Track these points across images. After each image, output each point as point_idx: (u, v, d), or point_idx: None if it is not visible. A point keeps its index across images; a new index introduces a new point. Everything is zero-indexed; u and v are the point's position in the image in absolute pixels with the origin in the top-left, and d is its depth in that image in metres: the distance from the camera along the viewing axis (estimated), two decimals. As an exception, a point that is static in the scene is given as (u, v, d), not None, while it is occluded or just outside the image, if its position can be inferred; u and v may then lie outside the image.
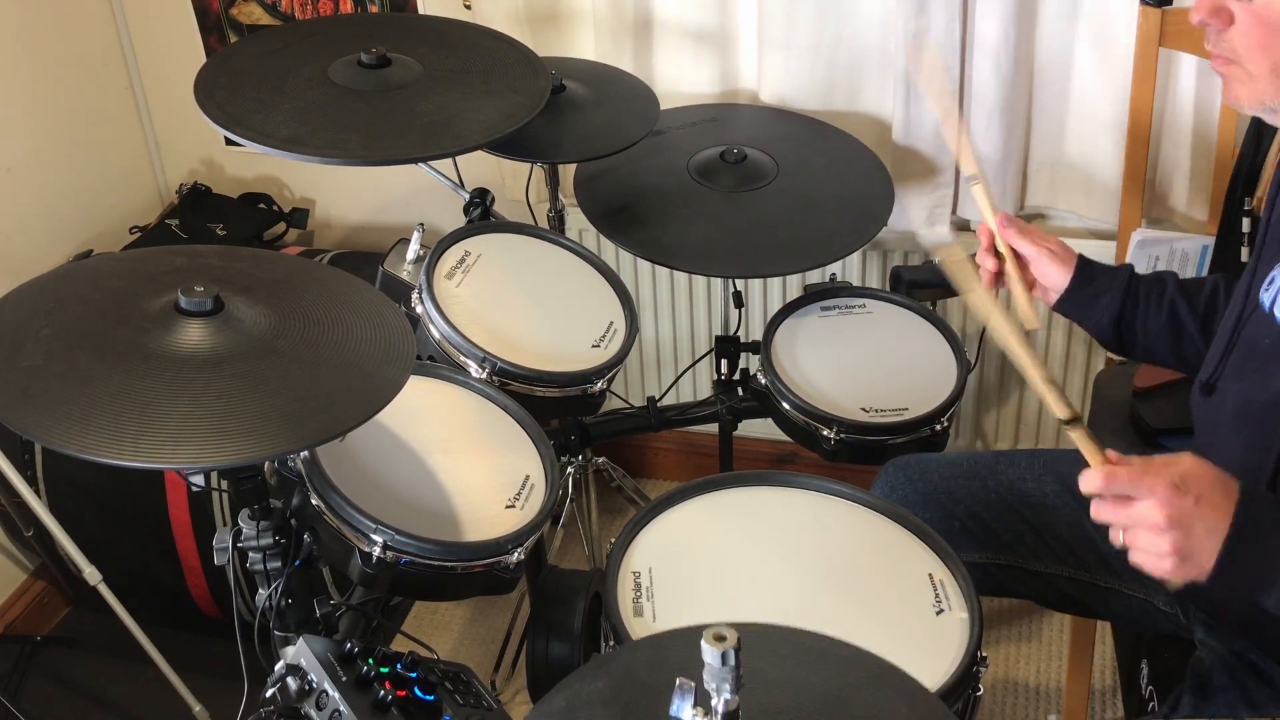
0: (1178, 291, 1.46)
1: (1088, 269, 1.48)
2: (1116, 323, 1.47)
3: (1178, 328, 1.46)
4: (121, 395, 1.12)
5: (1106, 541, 1.51)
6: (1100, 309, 1.47)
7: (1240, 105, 1.21)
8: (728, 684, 0.80)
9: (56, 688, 2.31)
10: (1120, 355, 1.55)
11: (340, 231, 2.66)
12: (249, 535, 1.33)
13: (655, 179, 1.96)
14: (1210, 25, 1.18)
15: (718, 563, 1.38)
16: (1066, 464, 1.58)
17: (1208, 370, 1.34)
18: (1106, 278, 1.47)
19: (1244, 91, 1.19)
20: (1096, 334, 1.51)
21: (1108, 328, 1.48)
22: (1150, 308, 1.46)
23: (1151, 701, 1.45)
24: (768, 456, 2.54)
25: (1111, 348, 1.51)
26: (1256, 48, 1.15)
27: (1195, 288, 1.47)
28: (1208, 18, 1.17)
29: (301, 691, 1.28)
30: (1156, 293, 1.47)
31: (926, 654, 1.24)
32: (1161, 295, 1.46)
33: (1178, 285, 1.47)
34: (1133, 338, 1.48)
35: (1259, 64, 1.16)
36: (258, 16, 2.44)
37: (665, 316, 2.47)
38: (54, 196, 2.43)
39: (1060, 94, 2.07)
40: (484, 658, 2.30)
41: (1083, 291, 1.47)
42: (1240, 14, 1.15)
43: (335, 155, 1.59)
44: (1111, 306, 1.47)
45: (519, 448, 1.57)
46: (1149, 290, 1.47)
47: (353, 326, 1.29)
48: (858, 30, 2.10)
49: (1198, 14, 1.17)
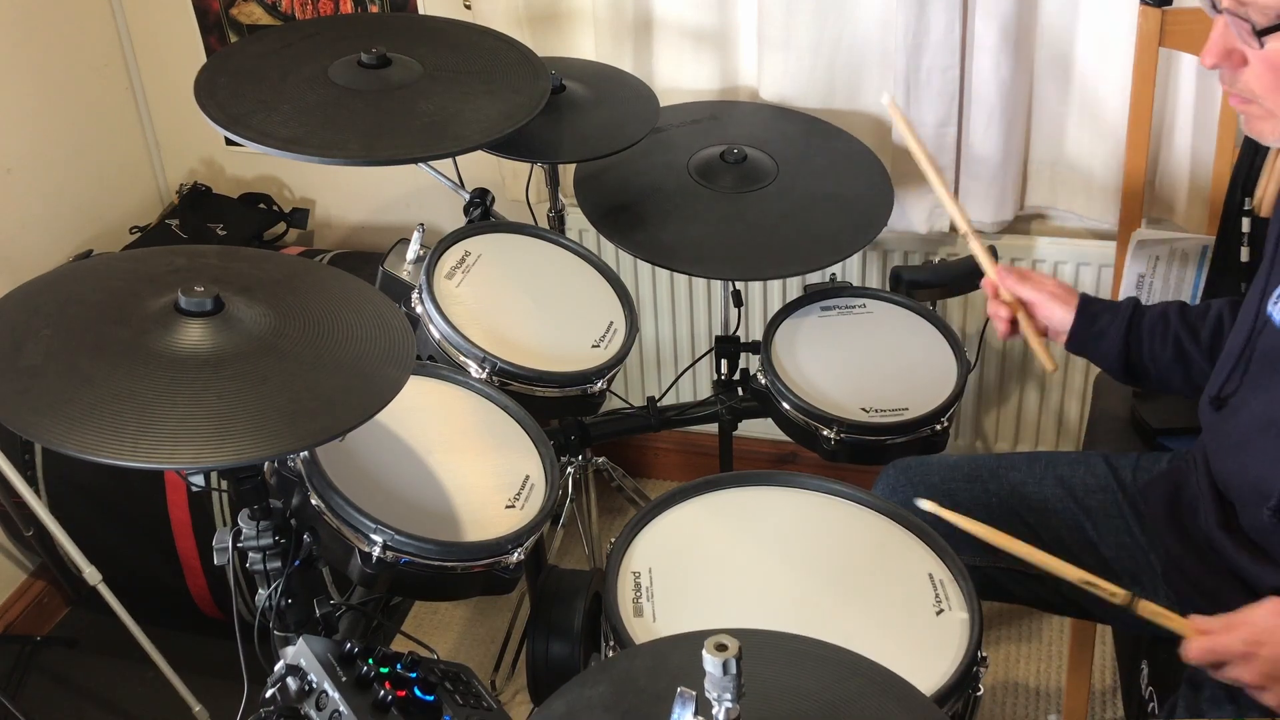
0: (1181, 325, 1.47)
1: (1089, 308, 1.50)
2: (1124, 359, 1.49)
3: (1185, 359, 1.47)
4: (121, 395, 1.12)
5: (1106, 544, 1.53)
6: (1105, 347, 1.50)
7: (1264, 139, 1.23)
8: (729, 693, 0.80)
9: (56, 688, 2.31)
10: (1137, 387, 1.60)
11: (340, 231, 2.66)
12: (249, 535, 1.32)
13: (655, 179, 1.96)
14: (1223, 68, 1.18)
15: (718, 563, 1.37)
16: (1067, 467, 1.58)
17: (1216, 384, 1.35)
18: (1109, 316, 1.49)
19: (1266, 127, 1.21)
20: (1108, 370, 1.53)
21: (1116, 365, 1.50)
22: (1155, 343, 1.48)
23: (1151, 702, 1.45)
24: (768, 456, 2.54)
25: (1128, 383, 1.54)
26: (1271, 89, 1.16)
27: (1199, 318, 1.48)
28: (1220, 62, 1.17)
29: (301, 691, 1.28)
30: (1161, 328, 1.48)
31: (927, 654, 1.24)
32: (1166, 330, 1.48)
33: (1181, 318, 1.48)
34: (1144, 372, 1.51)
35: (1275, 102, 1.17)
36: (258, 16, 2.44)
37: (665, 316, 2.47)
38: (54, 196, 2.43)
39: (1060, 94, 2.07)
40: (484, 658, 2.30)
41: (1087, 331, 1.50)
42: (1251, 57, 1.15)
43: (335, 155, 1.59)
44: (1116, 345, 1.49)
45: (519, 448, 1.57)
46: (1153, 326, 1.49)
47: (353, 326, 1.29)
48: (858, 30, 2.10)
49: (1209, 59, 1.18)
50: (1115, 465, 1.57)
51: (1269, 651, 1.16)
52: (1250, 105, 1.20)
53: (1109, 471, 1.56)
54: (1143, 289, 1.90)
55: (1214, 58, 1.18)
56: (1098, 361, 1.53)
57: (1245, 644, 1.17)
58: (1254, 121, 1.21)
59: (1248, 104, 1.20)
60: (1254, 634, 1.17)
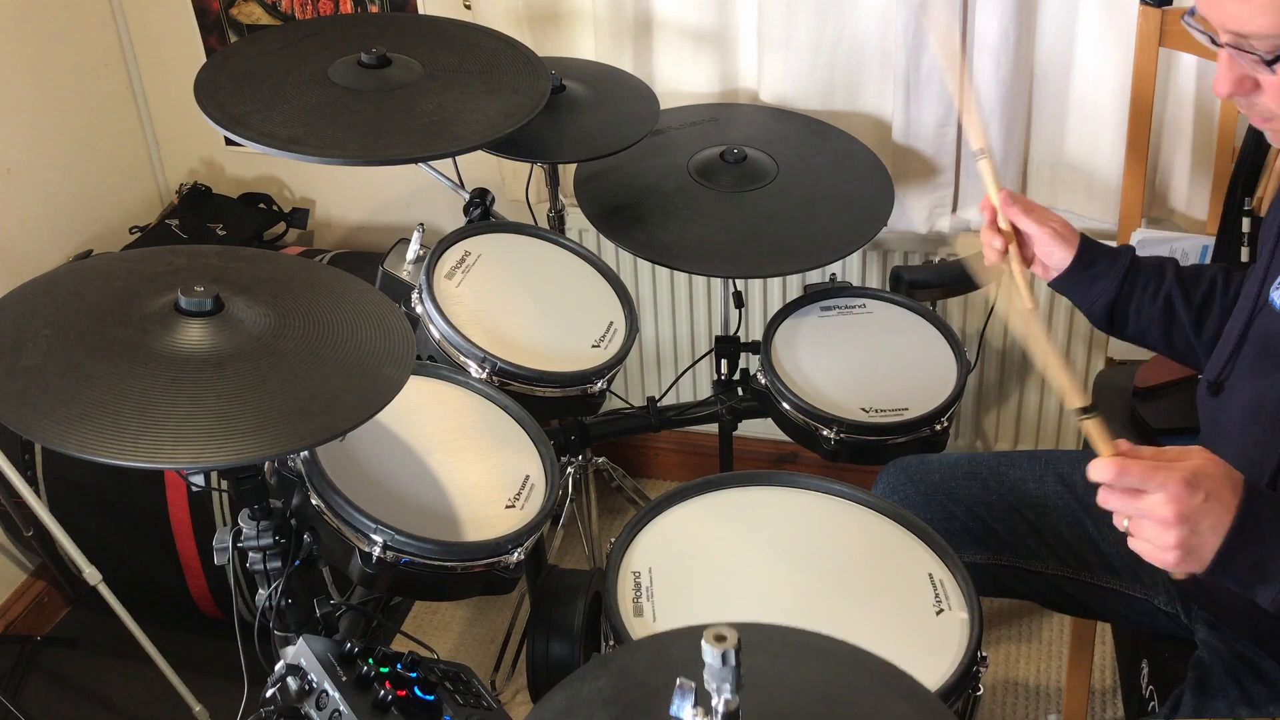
0: (1175, 282, 1.46)
1: (1089, 251, 1.47)
2: (1110, 306, 1.48)
3: (1171, 317, 1.46)
4: (122, 395, 1.12)
5: (1108, 542, 1.53)
6: (1096, 292, 1.48)
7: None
8: (728, 684, 0.80)
9: (56, 688, 2.31)
10: (1110, 334, 1.56)
11: (340, 231, 2.66)
12: (249, 535, 1.33)
13: (655, 179, 1.96)
14: (1237, 96, 1.18)
15: (718, 563, 1.38)
16: (1068, 465, 1.58)
17: (1214, 369, 1.35)
18: (1107, 261, 1.47)
19: None
20: (1088, 313, 1.51)
21: (1100, 310, 1.48)
22: (1146, 296, 1.47)
23: (1151, 701, 1.45)
24: (768, 456, 2.54)
25: (1101, 327, 1.52)
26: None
27: (1194, 278, 1.47)
28: (1234, 91, 1.17)
29: (301, 691, 1.28)
30: (1155, 281, 1.47)
31: (926, 654, 1.24)
32: (1160, 284, 1.46)
33: (1176, 275, 1.47)
34: (1124, 321, 1.49)
35: None
36: (258, 16, 2.44)
37: (665, 316, 2.47)
38: (54, 196, 2.43)
39: (1060, 94, 2.07)
40: (484, 658, 2.30)
41: (1083, 273, 1.47)
42: (1264, 82, 1.15)
43: (335, 155, 1.59)
44: (1107, 291, 1.47)
45: (519, 448, 1.57)
46: (1147, 278, 1.47)
47: (353, 326, 1.29)
48: (858, 30, 2.10)
49: (1223, 90, 1.18)
50: (1116, 463, 1.56)
51: (1199, 496, 1.06)
52: (1272, 122, 1.20)
53: (1109, 470, 1.56)
54: (1143, 289, 1.90)
55: (1227, 88, 1.17)
56: (1079, 303, 1.50)
57: (1183, 476, 1.06)
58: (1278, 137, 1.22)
59: (1269, 121, 1.20)
60: (1192, 469, 1.07)
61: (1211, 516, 1.08)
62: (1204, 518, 1.07)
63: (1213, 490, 1.08)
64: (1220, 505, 1.08)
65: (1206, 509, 1.07)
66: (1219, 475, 1.09)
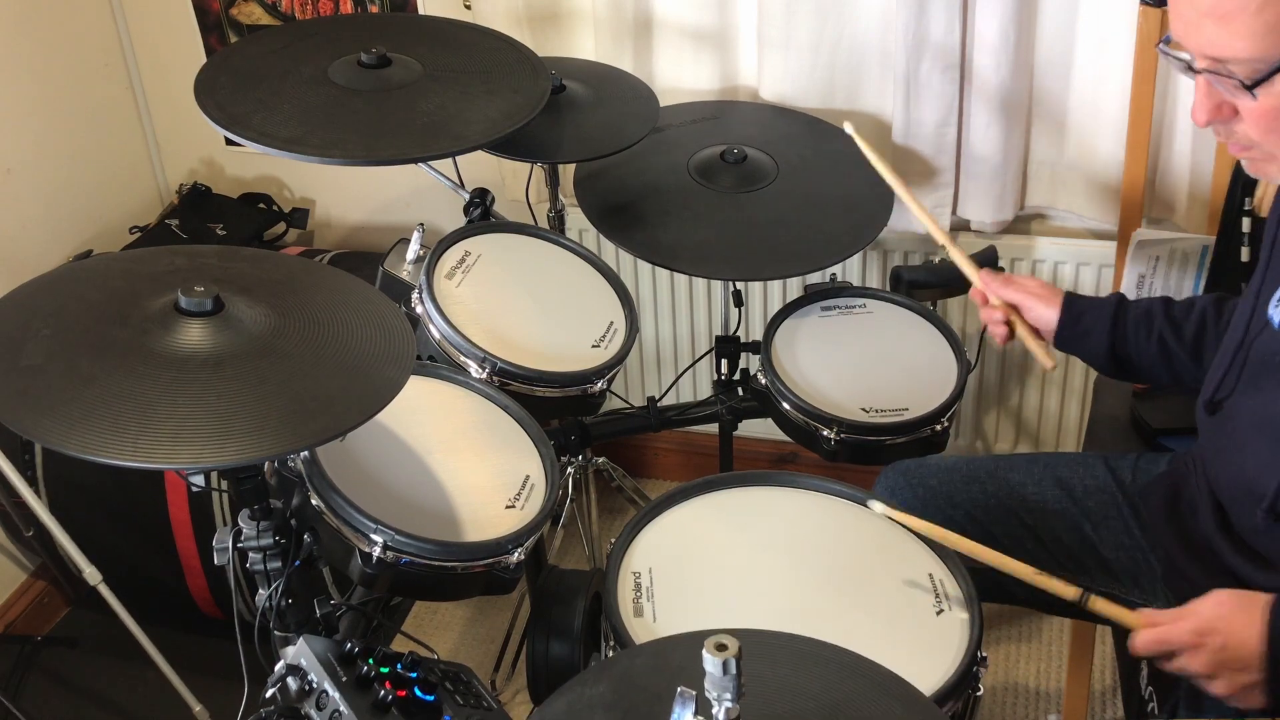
0: (1165, 322, 1.49)
1: (1074, 306, 1.52)
2: (1109, 356, 1.51)
3: (1168, 356, 1.49)
4: (122, 395, 1.12)
5: (1106, 545, 1.54)
6: (1092, 345, 1.51)
7: (1272, 179, 1.24)
8: (729, 692, 0.80)
9: (56, 688, 2.31)
10: (1123, 380, 1.65)
11: (340, 231, 2.66)
12: (249, 535, 1.32)
13: (655, 179, 1.96)
14: (1216, 123, 1.18)
15: (718, 563, 1.38)
16: (1067, 468, 1.58)
17: (1210, 388, 1.35)
18: (1094, 313, 1.51)
19: (1270, 169, 1.21)
20: (1096, 367, 1.55)
21: (1104, 361, 1.52)
22: (1140, 340, 1.50)
23: (1151, 702, 1.45)
24: (768, 456, 2.54)
25: (1112, 375, 1.56)
26: (1267, 132, 1.16)
27: (1183, 314, 1.49)
28: (1212, 118, 1.18)
29: (301, 691, 1.28)
30: (1145, 325, 1.49)
31: (926, 654, 1.24)
32: (1151, 327, 1.49)
33: (1166, 316, 1.49)
34: (1130, 367, 1.52)
35: (1274, 145, 1.17)
36: (258, 16, 2.44)
37: (665, 316, 2.47)
38: (54, 197, 2.43)
39: (1060, 94, 2.07)
40: (484, 658, 2.30)
41: (1073, 329, 1.51)
42: (1242, 108, 1.15)
43: (335, 155, 1.59)
44: (1102, 342, 1.50)
45: (519, 448, 1.57)
46: (1137, 323, 1.50)
47: (353, 326, 1.29)
48: (858, 30, 2.10)
49: (1201, 118, 1.18)
50: (1114, 466, 1.57)
51: (1216, 640, 1.19)
52: (1250, 151, 1.20)
53: (1108, 473, 1.56)
54: (1143, 289, 1.90)
55: (1206, 115, 1.18)
56: (1086, 358, 1.55)
57: (1193, 634, 1.20)
58: (1257, 165, 1.22)
59: (1247, 150, 1.20)
60: (1201, 624, 1.20)
61: (1236, 655, 1.19)
62: (1228, 664, 1.19)
63: (1227, 634, 1.19)
64: (1239, 644, 1.18)
65: (1227, 655, 1.19)
66: (1225, 615, 1.20)
